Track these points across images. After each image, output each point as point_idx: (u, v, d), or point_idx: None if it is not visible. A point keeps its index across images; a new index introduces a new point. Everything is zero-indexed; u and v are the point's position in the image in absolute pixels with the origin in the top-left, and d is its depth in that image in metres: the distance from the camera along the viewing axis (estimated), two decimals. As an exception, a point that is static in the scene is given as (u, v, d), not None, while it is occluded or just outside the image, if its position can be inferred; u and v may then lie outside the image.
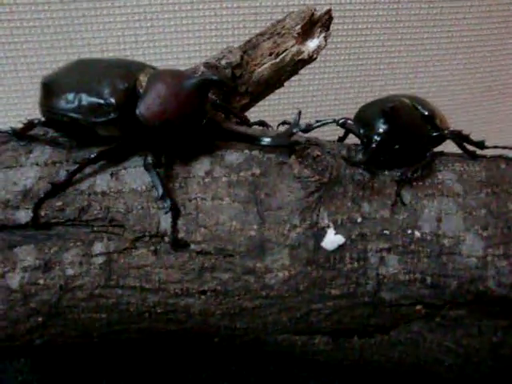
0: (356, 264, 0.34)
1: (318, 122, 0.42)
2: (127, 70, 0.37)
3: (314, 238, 0.34)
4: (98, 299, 0.34)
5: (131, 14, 0.68)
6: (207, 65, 0.49)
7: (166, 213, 0.35)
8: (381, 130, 0.37)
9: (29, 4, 0.64)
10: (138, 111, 0.36)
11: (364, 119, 0.39)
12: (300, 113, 0.38)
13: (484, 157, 0.39)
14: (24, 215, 0.35)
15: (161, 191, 0.35)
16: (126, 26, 0.69)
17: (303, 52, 0.52)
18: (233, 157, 0.38)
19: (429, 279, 0.33)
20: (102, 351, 0.40)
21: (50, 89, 0.39)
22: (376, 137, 0.37)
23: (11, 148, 0.39)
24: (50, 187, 0.36)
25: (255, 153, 0.38)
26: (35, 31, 0.66)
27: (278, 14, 0.69)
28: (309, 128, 0.40)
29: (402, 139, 0.37)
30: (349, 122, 0.41)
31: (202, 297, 0.34)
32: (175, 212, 0.35)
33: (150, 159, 0.35)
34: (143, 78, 0.37)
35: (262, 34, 0.53)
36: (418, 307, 0.34)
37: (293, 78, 0.54)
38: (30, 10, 0.64)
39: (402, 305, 0.34)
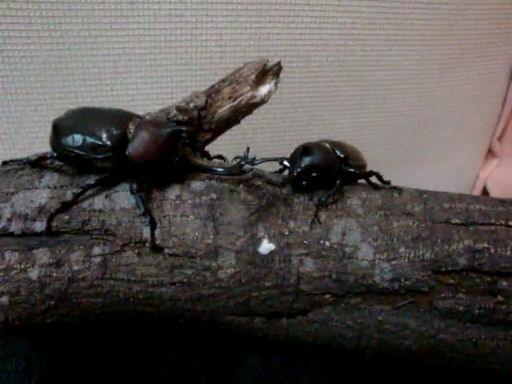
0: (283, 264, 0.47)
1: (263, 158, 0.56)
2: (120, 119, 0.50)
3: (253, 246, 0.47)
4: (96, 288, 0.47)
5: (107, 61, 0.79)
6: (178, 108, 0.62)
7: (147, 225, 0.47)
8: (300, 163, 0.51)
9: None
10: (127, 152, 0.48)
11: (292, 157, 0.53)
12: (248, 149, 0.51)
13: (383, 188, 0.53)
14: (40, 226, 0.48)
15: (142, 210, 0.47)
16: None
17: (256, 96, 0.65)
18: (196, 185, 0.51)
19: (334, 276, 0.47)
20: (96, 329, 0.52)
21: (60, 129, 0.51)
22: (297, 167, 0.51)
23: (27, 174, 0.51)
24: (59, 205, 0.48)
25: (213, 182, 0.51)
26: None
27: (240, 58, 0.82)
28: (254, 162, 0.53)
29: (316, 170, 0.51)
30: (285, 160, 0.55)
31: (173, 287, 0.47)
32: (153, 225, 0.47)
33: (134, 186, 0.48)
34: (131, 126, 0.49)
35: (223, 81, 0.66)
36: (327, 296, 0.47)
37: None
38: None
39: (315, 294, 0.47)
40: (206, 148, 0.63)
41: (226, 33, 0.84)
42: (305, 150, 0.51)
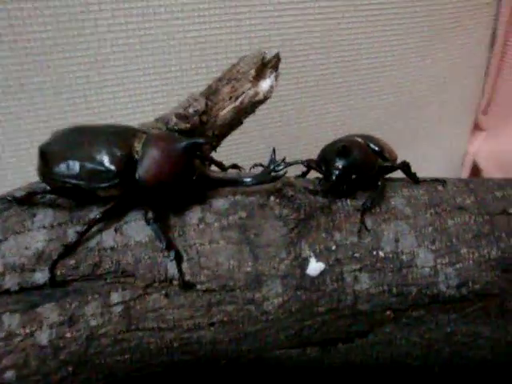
0: (336, 284, 0.41)
1: (285, 162, 0.49)
2: (121, 137, 0.42)
3: (299, 268, 0.41)
4: (121, 343, 0.39)
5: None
6: (178, 115, 0.54)
7: (171, 260, 0.40)
8: (338, 165, 0.45)
9: None
10: (137, 175, 0.40)
11: (324, 158, 0.47)
12: (274, 150, 0.45)
13: (424, 180, 0.48)
14: (41, 276, 0.39)
15: (164, 242, 0.40)
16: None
17: (259, 93, 0.59)
18: (219, 203, 0.44)
19: (394, 289, 0.41)
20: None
21: (49, 157, 0.42)
22: (335, 171, 0.45)
23: (15, 213, 0.43)
24: (62, 248, 0.40)
25: (238, 197, 0.44)
26: None
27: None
28: (277, 168, 0.46)
29: (356, 171, 0.45)
30: (311, 162, 0.48)
31: (212, 328, 0.40)
32: (179, 258, 0.40)
33: (150, 214, 0.41)
34: (137, 144, 0.41)
35: (220, 80, 0.59)
36: (388, 312, 0.42)
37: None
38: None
39: (375, 312, 0.42)
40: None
41: (205, 28, 0.77)
42: (341, 149, 0.44)
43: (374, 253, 0.42)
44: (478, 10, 0.98)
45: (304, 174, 0.52)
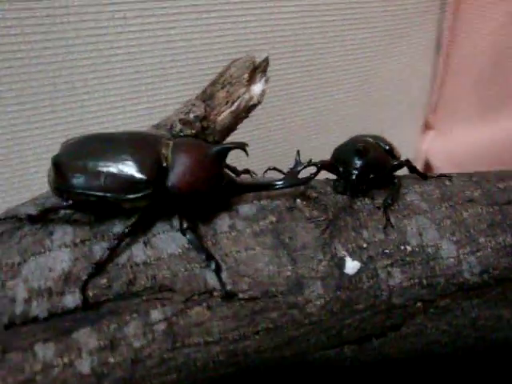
0: (372, 281, 0.42)
1: (309, 164, 0.49)
2: (148, 145, 0.40)
3: (337, 268, 0.41)
4: (168, 362, 0.37)
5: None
6: (183, 121, 0.52)
7: (211, 270, 0.39)
8: (357, 165, 0.46)
9: None
10: (169, 183, 0.39)
11: (341, 158, 0.48)
12: (299, 152, 0.45)
13: (431, 176, 0.50)
14: (72, 300, 0.36)
15: (205, 254, 0.38)
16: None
17: (253, 97, 0.59)
18: (245, 209, 0.43)
19: (424, 281, 0.43)
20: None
21: (67, 168, 0.39)
22: (354, 171, 0.46)
23: (29, 232, 0.39)
24: (91, 267, 0.37)
25: (264, 202, 0.44)
26: None
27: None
28: (298, 169, 0.46)
29: (373, 170, 0.46)
30: (324, 163, 0.49)
31: (257, 337, 0.39)
32: (218, 268, 0.39)
33: (185, 224, 0.39)
34: (165, 151, 0.40)
35: (213, 84, 0.58)
36: (419, 304, 0.43)
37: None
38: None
39: (407, 305, 0.43)
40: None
41: (176, 32, 0.75)
42: (360, 149, 0.46)
43: (402, 247, 0.43)
44: (425, 17, 1.05)
45: (314, 176, 0.53)
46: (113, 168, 0.38)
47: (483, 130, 1.10)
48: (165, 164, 0.39)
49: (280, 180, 0.42)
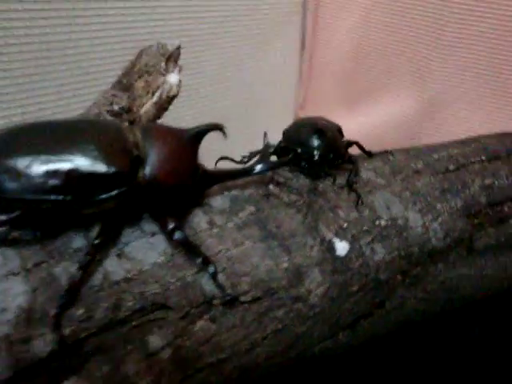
0: (360, 260, 0.40)
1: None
2: (113, 132, 0.31)
3: (328, 251, 0.39)
4: (181, 394, 0.29)
5: None
6: (112, 112, 0.44)
7: (205, 275, 0.32)
8: (318, 145, 0.44)
9: None
10: (147, 175, 0.31)
11: (297, 140, 0.46)
12: (266, 134, 0.41)
13: (375, 154, 0.51)
14: (42, 345, 0.27)
15: (201, 257, 0.32)
16: None
17: (172, 87, 0.53)
18: (218, 201, 0.38)
19: (402, 253, 0.43)
20: None
21: (2, 169, 0.29)
22: (316, 151, 0.44)
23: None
24: (61, 296, 0.28)
25: (235, 192, 0.39)
26: None
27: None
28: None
29: (333, 149, 0.45)
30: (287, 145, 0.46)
31: (265, 341, 0.34)
32: (214, 271, 0.33)
33: (172, 224, 0.32)
34: (133, 138, 0.32)
35: (128, 74, 0.51)
36: (399, 277, 0.43)
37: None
38: None
39: (389, 279, 0.43)
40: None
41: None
42: (320, 130, 0.44)
43: (377, 223, 0.43)
44: (289, 20, 1.11)
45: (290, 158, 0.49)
46: (72, 163, 0.29)
47: (350, 122, 1.19)
48: (136, 153, 0.32)
49: (258, 164, 0.38)
